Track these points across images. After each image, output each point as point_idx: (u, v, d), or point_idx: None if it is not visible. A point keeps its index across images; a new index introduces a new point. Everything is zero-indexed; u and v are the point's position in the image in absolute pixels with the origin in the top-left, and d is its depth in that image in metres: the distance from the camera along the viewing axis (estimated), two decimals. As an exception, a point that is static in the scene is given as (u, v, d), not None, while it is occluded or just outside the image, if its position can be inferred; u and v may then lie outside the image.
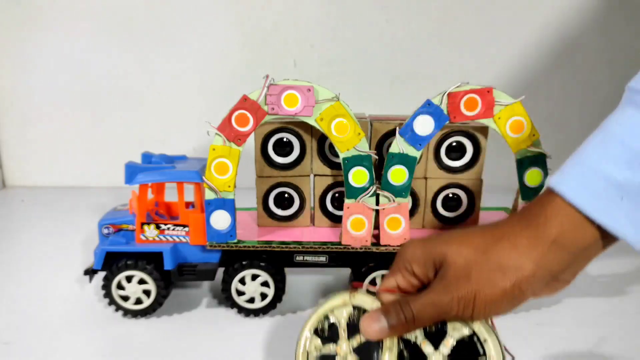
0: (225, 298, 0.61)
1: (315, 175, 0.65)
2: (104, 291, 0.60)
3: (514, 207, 0.64)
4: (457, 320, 0.36)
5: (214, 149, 0.56)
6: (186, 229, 0.60)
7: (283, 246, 0.59)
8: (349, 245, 0.59)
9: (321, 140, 0.63)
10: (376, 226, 0.59)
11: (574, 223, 0.33)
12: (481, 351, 0.35)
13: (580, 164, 0.34)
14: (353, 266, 0.63)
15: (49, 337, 0.57)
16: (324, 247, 0.60)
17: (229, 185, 0.57)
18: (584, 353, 0.55)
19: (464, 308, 0.33)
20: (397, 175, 0.58)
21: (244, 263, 0.60)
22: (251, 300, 0.61)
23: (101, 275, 0.60)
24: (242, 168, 0.59)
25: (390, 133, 0.62)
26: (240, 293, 0.61)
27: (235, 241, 0.59)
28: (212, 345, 0.56)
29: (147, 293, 0.60)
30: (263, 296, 0.61)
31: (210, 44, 1.12)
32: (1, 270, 0.75)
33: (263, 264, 0.60)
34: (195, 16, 1.10)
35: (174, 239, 0.61)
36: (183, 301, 0.66)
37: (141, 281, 0.60)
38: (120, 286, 0.60)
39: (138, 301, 0.60)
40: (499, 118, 0.57)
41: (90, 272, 0.61)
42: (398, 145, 0.57)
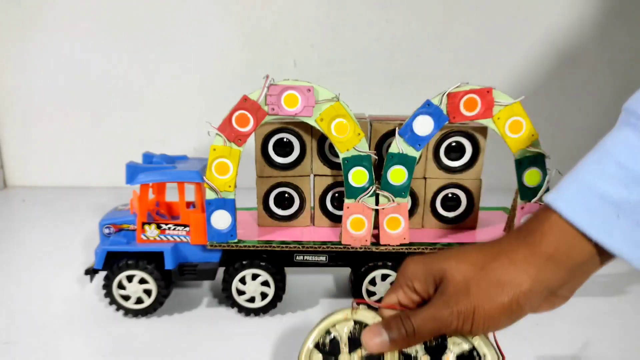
0: (225, 297, 0.61)
1: (315, 175, 0.65)
2: (105, 291, 0.60)
3: (513, 207, 0.64)
4: (457, 334, 0.36)
5: (215, 149, 0.56)
6: (187, 229, 0.60)
7: (283, 246, 0.60)
8: (349, 245, 0.60)
9: (321, 140, 0.63)
10: (376, 226, 0.60)
11: (570, 239, 0.33)
12: None
13: (577, 182, 0.34)
14: (353, 266, 0.63)
15: (50, 337, 0.57)
16: (324, 247, 0.60)
17: (230, 185, 0.57)
18: (584, 353, 0.55)
19: (464, 322, 0.34)
20: (397, 175, 0.58)
21: (245, 263, 0.60)
22: (251, 299, 0.61)
23: (102, 275, 0.60)
24: (243, 168, 0.59)
25: (389, 133, 0.62)
26: (240, 292, 0.61)
27: (235, 241, 0.59)
28: (212, 345, 0.56)
29: (148, 292, 0.60)
30: (263, 295, 0.61)
31: (210, 44, 1.12)
32: (1, 270, 0.75)
33: (263, 264, 0.60)
34: (195, 16, 1.10)
35: (175, 239, 0.61)
36: (184, 301, 0.66)
37: (142, 281, 0.60)
38: (121, 286, 0.60)
39: (139, 301, 0.60)
40: (499, 118, 0.57)
41: (91, 272, 0.61)
42: (398, 145, 0.57)
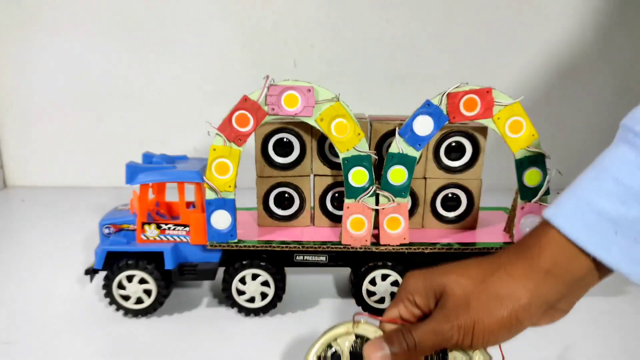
0: (225, 297, 0.61)
1: (315, 175, 0.65)
2: (105, 291, 0.60)
3: (513, 207, 0.64)
4: (457, 348, 0.36)
5: (215, 149, 0.56)
6: (187, 229, 0.60)
7: (283, 246, 0.60)
8: (349, 244, 0.60)
9: (321, 140, 0.63)
10: (376, 226, 0.60)
11: (568, 254, 0.33)
12: None
13: (575, 197, 0.34)
14: (353, 266, 0.63)
15: (49, 337, 0.57)
16: (324, 247, 0.60)
17: (230, 185, 0.57)
18: (584, 353, 0.55)
19: (464, 336, 0.34)
20: (397, 175, 0.58)
21: (245, 263, 0.60)
22: (251, 299, 0.61)
23: (102, 275, 0.60)
24: (243, 168, 0.59)
25: (389, 133, 0.62)
26: (240, 292, 0.61)
27: (235, 241, 0.59)
28: (212, 345, 0.56)
29: (148, 292, 0.60)
30: (263, 295, 0.61)
31: (210, 44, 1.12)
32: (1, 270, 0.75)
33: (263, 264, 0.60)
34: (195, 16, 1.10)
35: (175, 239, 0.61)
36: (183, 301, 0.66)
37: (142, 281, 0.60)
38: (121, 286, 0.60)
39: (139, 301, 0.60)
40: (499, 118, 0.57)
41: (91, 272, 0.61)
42: (398, 145, 0.57)
